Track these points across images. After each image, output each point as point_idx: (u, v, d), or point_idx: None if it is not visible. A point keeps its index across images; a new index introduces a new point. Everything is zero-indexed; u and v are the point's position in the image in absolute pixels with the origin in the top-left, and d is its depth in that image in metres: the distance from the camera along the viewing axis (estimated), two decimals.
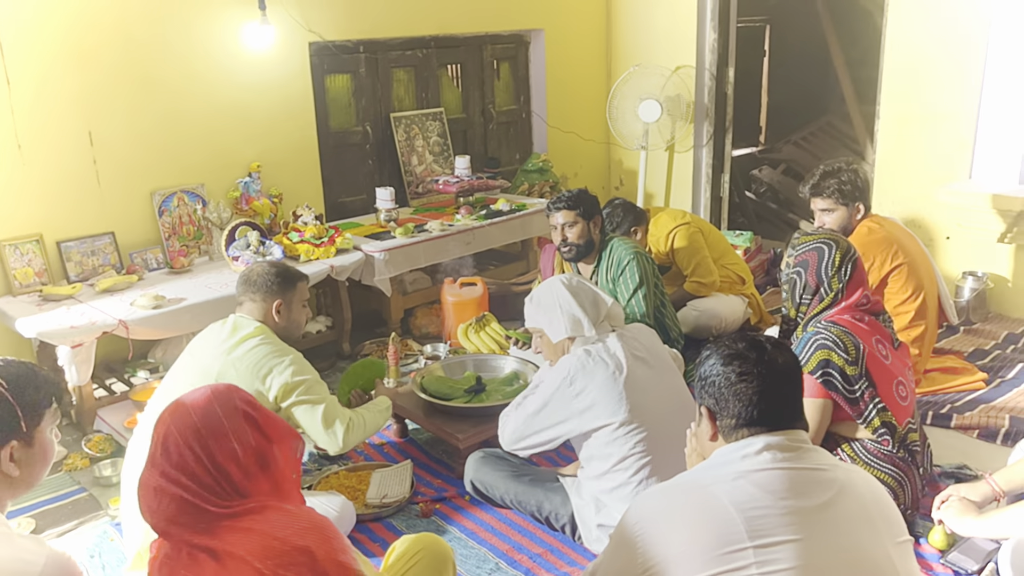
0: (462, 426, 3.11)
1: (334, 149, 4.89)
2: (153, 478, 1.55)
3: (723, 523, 1.50)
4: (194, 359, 2.65)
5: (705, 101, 5.79)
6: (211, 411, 1.59)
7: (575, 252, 3.64)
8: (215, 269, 4.02)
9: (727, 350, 1.70)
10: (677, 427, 2.50)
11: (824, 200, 3.58)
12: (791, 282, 2.56)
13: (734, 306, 4.27)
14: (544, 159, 5.78)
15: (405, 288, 4.63)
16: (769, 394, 1.63)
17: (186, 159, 4.18)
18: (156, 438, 1.58)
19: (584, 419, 2.45)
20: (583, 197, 3.61)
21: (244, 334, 2.62)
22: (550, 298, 2.61)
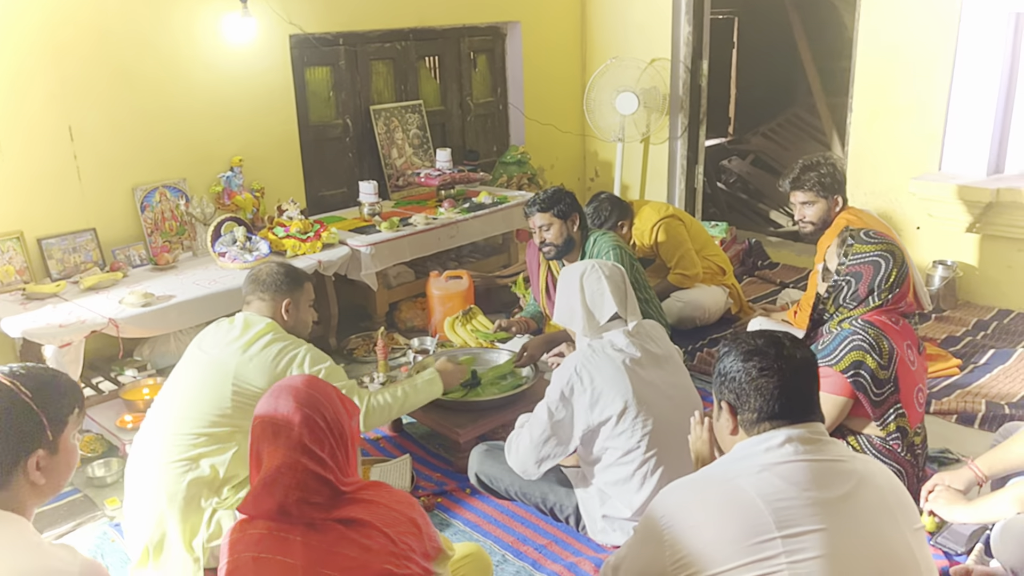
0: (460, 420, 3.13)
1: (314, 143, 4.85)
2: (287, 455, 1.61)
3: (751, 514, 1.55)
4: (205, 355, 2.63)
5: (680, 93, 5.85)
6: (318, 388, 1.70)
7: (555, 251, 3.66)
8: (201, 265, 3.98)
9: (746, 346, 1.74)
10: (683, 422, 2.54)
11: (805, 193, 3.64)
12: (838, 288, 2.55)
13: (716, 297, 4.35)
14: (522, 151, 5.80)
15: (389, 282, 4.62)
16: (789, 388, 1.68)
17: (167, 154, 4.12)
18: (279, 416, 1.64)
19: (593, 414, 2.47)
20: (557, 197, 3.62)
21: (257, 331, 2.61)
22: (568, 290, 2.64)
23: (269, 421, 1.66)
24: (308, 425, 1.64)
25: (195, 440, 2.53)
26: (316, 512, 1.61)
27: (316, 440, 1.64)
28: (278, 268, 2.75)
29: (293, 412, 1.65)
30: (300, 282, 2.77)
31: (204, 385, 2.57)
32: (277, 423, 1.64)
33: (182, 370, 2.69)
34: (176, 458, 2.52)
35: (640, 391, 2.45)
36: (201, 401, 2.56)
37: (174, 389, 2.65)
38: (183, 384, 2.63)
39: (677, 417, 2.52)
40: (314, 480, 1.62)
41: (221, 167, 4.30)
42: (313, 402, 1.68)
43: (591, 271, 2.64)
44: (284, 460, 1.61)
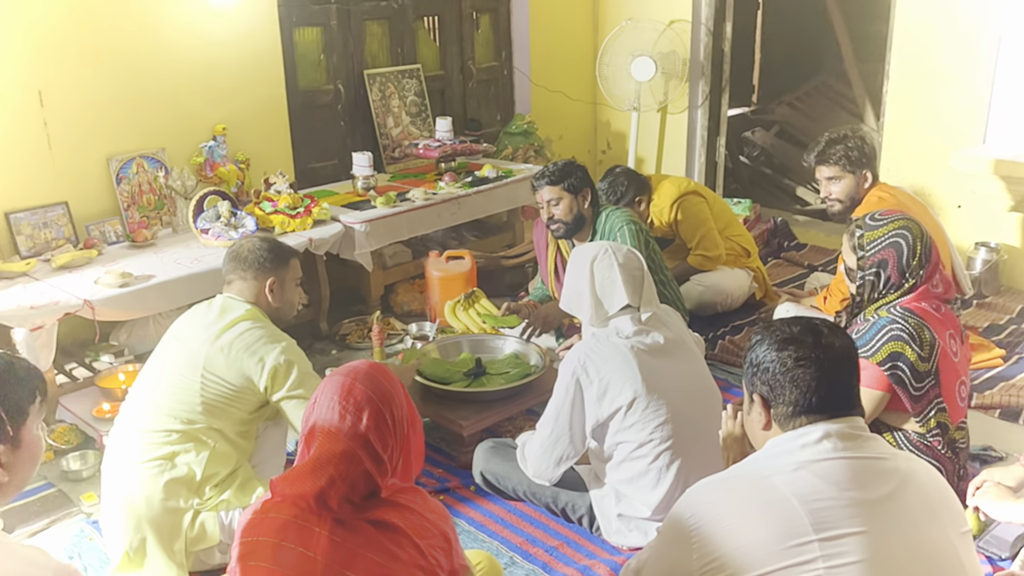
0: (464, 412, 3.14)
1: (304, 110, 4.83)
2: (347, 444, 1.63)
3: (786, 515, 1.55)
4: (180, 343, 2.63)
5: (701, 58, 5.82)
6: (392, 383, 1.72)
7: (564, 229, 3.66)
8: (181, 243, 3.97)
9: (780, 334, 1.74)
10: (700, 413, 2.55)
11: (830, 168, 3.64)
12: (869, 283, 2.54)
13: (740, 280, 4.34)
14: (528, 121, 5.77)
15: (385, 262, 4.62)
16: (828, 380, 1.68)
17: (145, 122, 4.10)
18: (349, 400, 1.65)
19: (602, 406, 2.48)
20: (568, 169, 3.62)
21: (233, 317, 2.60)
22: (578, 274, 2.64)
23: (337, 402, 1.66)
24: (377, 419, 1.65)
25: (167, 438, 2.53)
26: (350, 510, 1.63)
27: (380, 438, 1.65)
28: (261, 243, 2.73)
29: (364, 400, 1.66)
30: (285, 258, 2.75)
31: (176, 377, 2.56)
32: (345, 407, 1.65)
33: (156, 360, 2.68)
34: (150, 457, 2.52)
35: (650, 379, 2.46)
36: (173, 395, 2.55)
37: (148, 381, 2.65)
38: (156, 375, 2.62)
39: (693, 408, 2.52)
40: (364, 479, 1.63)
41: (203, 136, 4.29)
42: (386, 396, 1.68)
43: (603, 256, 2.63)
44: (344, 448, 1.62)
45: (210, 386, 2.53)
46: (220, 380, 2.54)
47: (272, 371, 2.54)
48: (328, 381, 1.71)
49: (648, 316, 2.59)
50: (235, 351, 2.55)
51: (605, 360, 2.47)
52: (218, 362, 2.54)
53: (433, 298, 4.40)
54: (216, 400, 2.54)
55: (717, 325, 4.26)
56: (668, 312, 2.70)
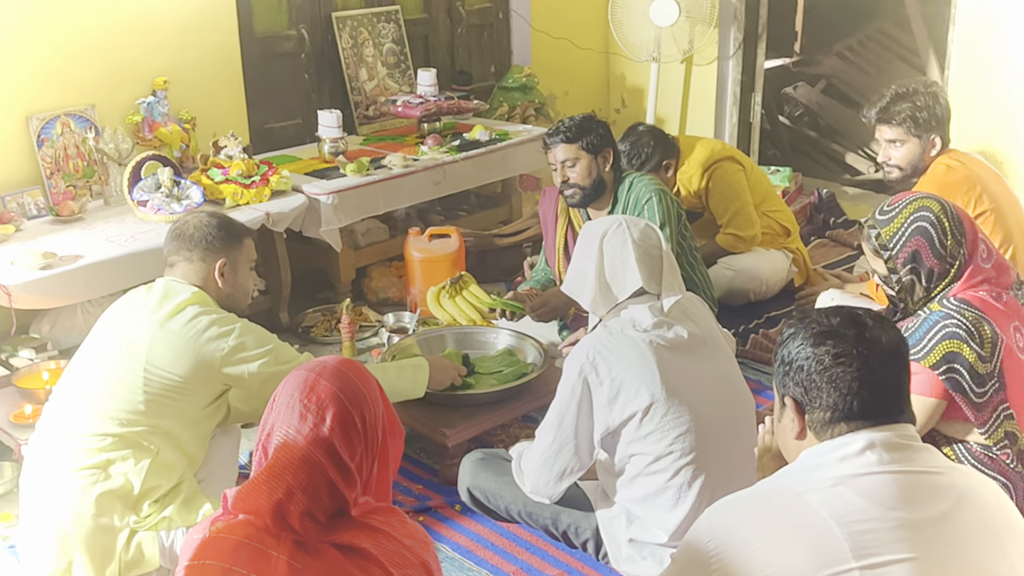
0: (449, 418, 3.16)
1: (260, 60, 4.84)
2: (307, 450, 1.64)
3: (822, 539, 1.57)
4: (116, 334, 2.65)
5: (734, 0, 5.82)
6: (364, 381, 1.74)
7: (580, 196, 3.68)
8: (115, 216, 3.98)
9: (817, 327, 1.75)
10: (729, 422, 2.57)
11: (893, 129, 3.64)
12: (907, 285, 2.55)
13: (776, 264, 4.36)
14: (528, 73, 5.78)
15: (357, 241, 4.63)
16: (872, 380, 1.69)
17: (71, 73, 4.11)
18: (309, 398, 1.67)
19: (614, 412, 2.49)
20: (587, 125, 3.64)
21: (179, 301, 2.62)
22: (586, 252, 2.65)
23: (298, 400, 1.67)
24: (343, 421, 1.67)
25: (102, 443, 2.55)
26: (314, 530, 1.64)
27: (347, 443, 1.66)
28: (209, 219, 2.77)
29: (328, 399, 1.67)
30: (238, 237, 2.78)
31: (112, 372, 2.59)
32: (307, 406, 1.66)
33: (87, 352, 2.70)
34: (80, 466, 2.53)
35: (671, 381, 2.47)
36: (108, 393, 2.57)
37: (76, 378, 2.67)
38: (87, 372, 2.64)
39: (721, 415, 2.53)
40: (328, 491, 1.64)
41: (141, 91, 4.29)
42: (356, 395, 1.70)
43: (616, 231, 2.64)
44: (303, 454, 1.64)
45: (154, 380, 2.56)
46: (166, 372, 2.56)
47: (232, 351, 2.61)
48: (290, 377, 1.74)
49: (671, 305, 2.60)
50: (185, 338, 2.58)
51: (618, 356, 2.48)
52: (164, 352, 2.57)
53: (413, 284, 4.42)
54: (162, 395, 2.57)
55: (749, 316, 4.28)
56: (694, 302, 2.71)
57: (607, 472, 2.64)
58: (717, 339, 2.69)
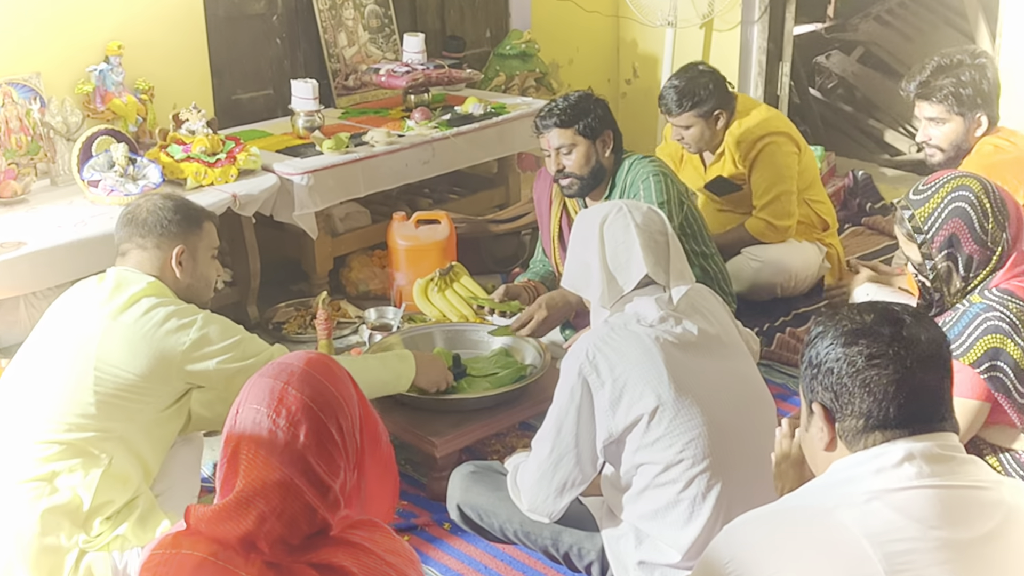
0: (437, 426, 3.17)
1: (227, 23, 4.84)
2: (281, 472, 1.63)
3: (854, 561, 1.57)
4: (61, 328, 2.66)
5: None
6: (337, 383, 1.73)
7: (579, 186, 3.69)
8: (63, 198, 4.00)
9: (849, 324, 1.76)
10: (746, 426, 2.58)
11: (933, 106, 3.64)
12: (943, 272, 2.55)
13: (809, 258, 4.38)
14: (527, 39, 5.79)
15: (335, 228, 4.64)
16: (911, 384, 1.69)
17: (13, 37, 4.11)
18: (277, 412, 1.66)
19: (617, 416, 2.50)
20: (583, 106, 3.64)
21: (134, 292, 2.63)
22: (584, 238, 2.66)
23: (265, 414, 1.67)
24: (319, 434, 1.65)
25: (47, 451, 2.55)
26: (285, 552, 1.64)
27: (325, 458, 1.65)
28: (163, 202, 2.79)
29: (300, 412, 1.66)
30: (197, 221, 2.80)
31: (59, 371, 2.59)
32: (275, 420, 1.65)
33: (31, 350, 2.71)
34: (23, 478, 2.54)
35: (681, 380, 2.48)
36: (55, 395, 2.58)
37: (19, 377, 2.68)
38: (31, 372, 2.65)
39: (736, 418, 2.54)
40: (306, 516, 1.64)
41: (92, 57, 4.29)
42: (329, 401, 1.68)
43: (616, 216, 2.66)
44: (278, 477, 1.62)
45: (106, 379, 2.57)
46: (120, 369, 2.57)
47: (194, 344, 2.62)
48: (253, 386, 1.72)
49: (680, 297, 2.61)
50: (141, 332, 2.59)
51: (621, 354, 2.49)
52: (117, 347, 2.58)
53: (398, 275, 4.42)
54: (115, 395, 2.58)
55: (775, 313, 4.29)
56: (704, 294, 2.72)
57: (612, 486, 2.65)
58: (732, 335, 2.70)
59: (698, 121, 4.20)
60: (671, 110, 4.23)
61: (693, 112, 4.19)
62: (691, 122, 4.22)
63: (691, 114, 4.20)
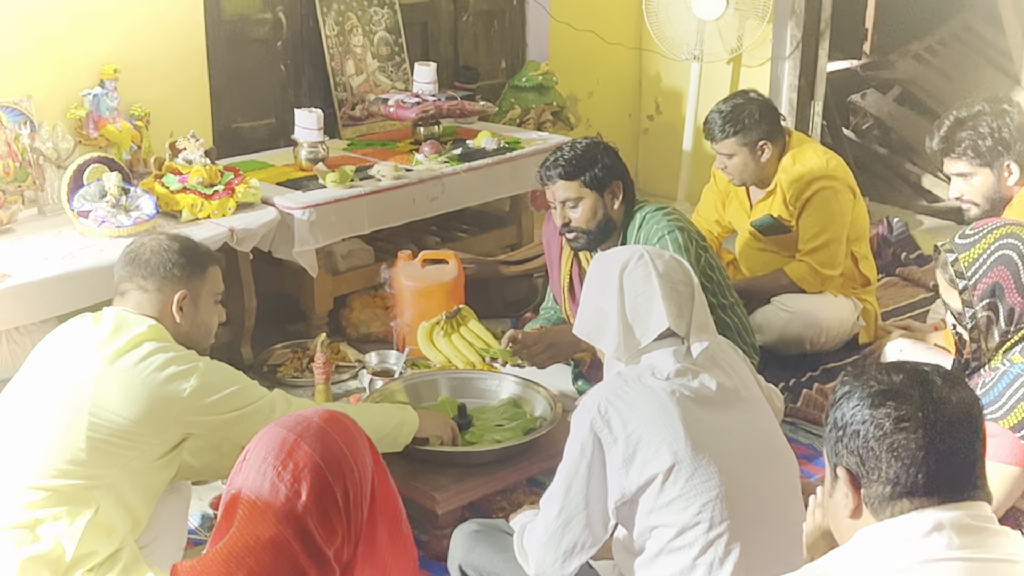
0: (439, 479, 3.17)
1: (229, 47, 4.90)
2: (276, 529, 1.65)
3: None
4: (52, 369, 2.67)
5: None
6: (351, 443, 1.75)
7: (585, 240, 3.69)
8: (51, 228, 4.02)
9: (876, 385, 1.77)
10: (767, 487, 2.58)
11: (957, 161, 3.66)
12: (983, 323, 2.57)
13: (843, 313, 4.38)
14: (545, 71, 5.83)
15: (336, 265, 4.66)
16: (940, 449, 1.71)
17: (4, 59, 4.15)
18: (283, 465, 1.67)
19: (631, 474, 2.50)
20: (589, 155, 3.63)
21: (133, 336, 2.65)
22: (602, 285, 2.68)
23: (271, 465, 1.67)
24: (321, 495, 1.67)
25: (31, 497, 2.55)
26: None
27: (324, 521, 1.66)
28: (169, 243, 2.80)
29: (306, 467, 1.67)
30: (203, 266, 2.83)
31: (49, 414, 2.60)
32: (280, 473, 1.67)
33: (19, 391, 2.72)
34: (5, 525, 2.54)
35: (698, 437, 2.48)
36: (44, 439, 2.58)
37: (6, 419, 2.69)
38: (19, 412, 2.66)
39: (757, 479, 2.54)
40: (289, 569, 1.65)
41: (86, 81, 4.34)
42: (338, 462, 1.69)
43: (637, 263, 2.67)
44: (272, 533, 1.64)
45: (101, 424, 2.57)
46: (115, 415, 2.58)
47: (194, 393, 2.63)
48: (266, 434, 1.73)
49: (700, 350, 2.63)
50: (139, 377, 2.60)
51: (634, 409, 2.50)
52: (114, 392, 2.58)
53: (402, 317, 4.43)
54: (108, 442, 2.58)
55: (802, 368, 4.29)
56: (724, 347, 2.73)
57: (624, 550, 2.64)
58: (752, 391, 2.70)
59: (741, 150, 4.24)
60: (714, 135, 4.28)
61: (735, 139, 4.23)
62: (734, 150, 4.26)
63: (733, 141, 4.24)
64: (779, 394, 3.14)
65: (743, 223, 4.53)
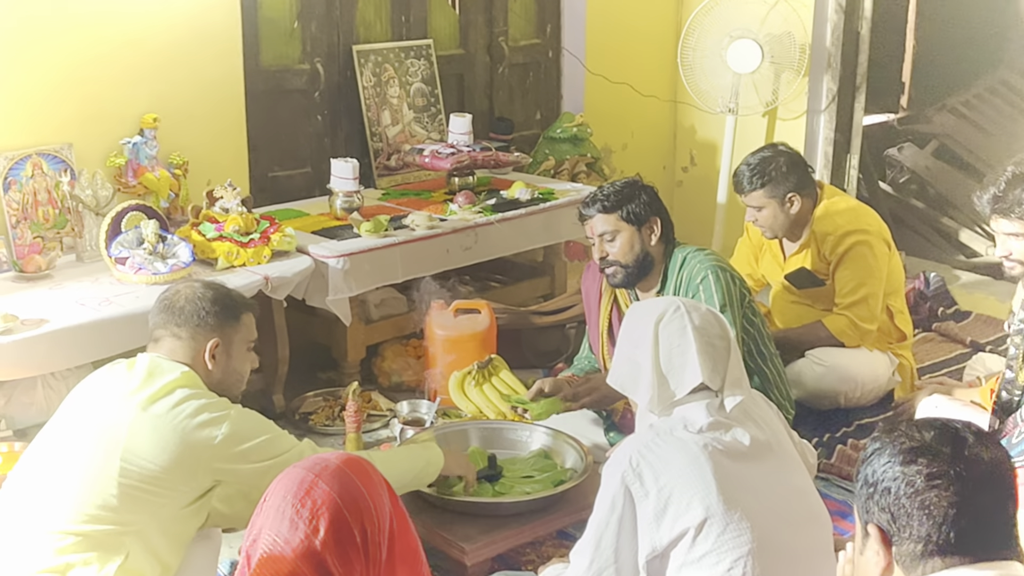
0: (468, 530, 3.17)
1: (267, 97, 4.96)
2: (293, 565, 1.68)
3: None
4: (86, 415, 2.69)
5: (827, 44, 5.92)
6: (369, 486, 1.77)
7: (623, 275, 3.72)
8: (88, 275, 4.05)
9: (907, 442, 1.77)
10: (799, 544, 2.56)
11: (1013, 222, 3.62)
12: None
13: (878, 368, 4.35)
14: (580, 122, 5.86)
15: (369, 314, 4.69)
16: (973, 507, 1.70)
17: (47, 107, 4.20)
18: (302, 502, 1.69)
19: (662, 529, 2.50)
20: (629, 192, 3.69)
21: (166, 382, 2.67)
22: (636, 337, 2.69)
23: (291, 503, 1.69)
24: (339, 533, 1.70)
25: (62, 542, 2.56)
26: None
27: (342, 558, 1.68)
28: (203, 291, 2.84)
29: (324, 506, 1.70)
30: (236, 314, 2.86)
31: (81, 459, 2.62)
32: (299, 511, 1.69)
33: (52, 435, 2.74)
34: (36, 570, 2.55)
35: (730, 492, 2.47)
36: (76, 483, 2.60)
37: (39, 463, 2.71)
38: (50, 458, 2.67)
39: (790, 534, 2.52)
40: None
41: (126, 129, 4.38)
42: (357, 502, 1.72)
43: (673, 315, 2.67)
44: (288, 570, 1.66)
45: (132, 470, 2.59)
46: (147, 461, 2.60)
47: (225, 441, 2.65)
48: (285, 475, 1.76)
49: (733, 405, 2.62)
50: (171, 424, 2.62)
51: (666, 463, 2.50)
52: (146, 439, 2.61)
53: (434, 367, 4.44)
54: (139, 488, 2.60)
55: (836, 423, 4.27)
56: (758, 402, 2.73)
57: None
58: (785, 446, 2.69)
59: (769, 202, 4.24)
60: (742, 188, 4.29)
61: (763, 192, 4.23)
62: (762, 202, 4.26)
63: (761, 193, 4.24)
64: (812, 450, 3.13)
65: (777, 276, 4.53)
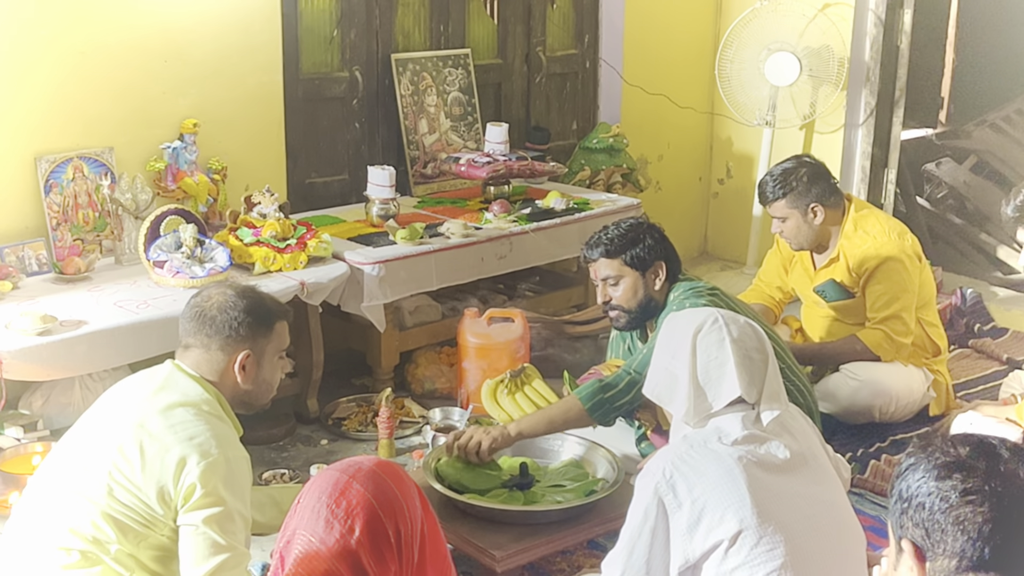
0: (499, 538, 3.15)
1: (305, 104, 4.99)
2: (329, 564, 1.69)
3: None
4: (104, 421, 2.66)
5: (866, 58, 5.90)
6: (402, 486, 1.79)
7: (626, 320, 3.70)
8: (126, 278, 4.10)
9: (942, 457, 1.76)
10: (833, 558, 2.55)
11: None
12: None
13: (913, 383, 4.32)
14: (616, 133, 5.86)
15: (403, 321, 4.71)
16: (1008, 523, 1.68)
17: (89, 111, 4.25)
18: (338, 502, 1.70)
19: (695, 540, 2.49)
20: (633, 235, 3.64)
21: (173, 400, 2.60)
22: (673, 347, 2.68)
23: (326, 504, 1.70)
24: (374, 532, 1.71)
25: (67, 559, 2.50)
26: None
27: (377, 558, 1.70)
28: (236, 301, 2.75)
29: (359, 506, 1.72)
30: (269, 324, 2.78)
31: (85, 472, 2.57)
32: (335, 511, 1.70)
33: (70, 442, 2.70)
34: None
35: (765, 505, 2.46)
36: (76, 497, 2.55)
37: (54, 471, 2.66)
38: (65, 465, 2.63)
39: (823, 548, 2.51)
40: None
41: (166, 134, 4.43)
42: (391, 503, 1.73)
43: (711, 327, 2.67)
44: (326, 568, 1.67)
45: (118, 492, 2.51)
46: (133, 488, 2.51)
47: (191, 485, 2.48)
48: (320, 477, 1.77)
49: (770, 419, 2.61)
50: (158, 447, 2.52)
51: (700, 474, 2.49)
52: (133, 459, 2.53)
53: (467, 374, 4.46)
54: (125, 513, 2.52)
55: (870, 438, 4.24)
56: (794, 415, 2.72)
57: None
58: (820, 459, 2.68)
59: (792, 212, 4.23)
60: (765, 197, 4.29)
61: (785, 202, 4.22)
62: (785, 213, 4.25)
63: (783, 203, 4.23)
64: (846, 464, 3.11)
65: (806, 289, 4.51)
